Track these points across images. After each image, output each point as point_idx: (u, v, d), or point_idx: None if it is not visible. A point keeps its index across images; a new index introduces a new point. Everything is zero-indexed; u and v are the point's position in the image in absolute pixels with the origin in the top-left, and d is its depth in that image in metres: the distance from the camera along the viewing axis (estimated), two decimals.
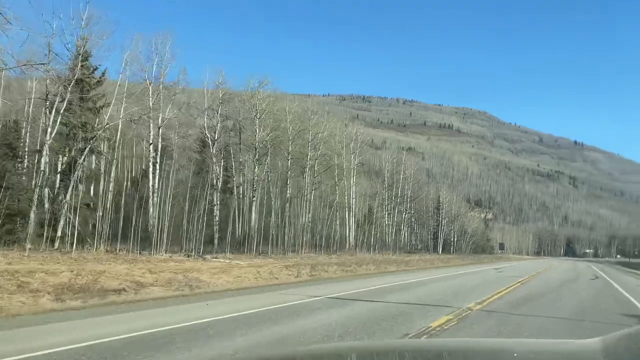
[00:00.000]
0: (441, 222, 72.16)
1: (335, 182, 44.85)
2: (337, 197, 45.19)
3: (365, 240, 48.48)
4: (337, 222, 45.53)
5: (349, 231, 46.37)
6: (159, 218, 24.76)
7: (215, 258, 23.03)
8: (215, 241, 29.79)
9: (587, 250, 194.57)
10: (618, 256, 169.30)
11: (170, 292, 13.54)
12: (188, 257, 22.45)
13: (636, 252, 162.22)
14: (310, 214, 38.68)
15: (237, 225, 31.78)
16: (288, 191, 36.90)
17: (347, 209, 46.45)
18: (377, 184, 55.29)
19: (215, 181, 31.32)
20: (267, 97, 33.73)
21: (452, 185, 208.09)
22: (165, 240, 22.97)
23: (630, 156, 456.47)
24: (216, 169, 31.32)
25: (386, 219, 55.61)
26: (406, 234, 65.51)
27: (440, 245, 71.27)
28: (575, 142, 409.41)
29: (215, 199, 31.15)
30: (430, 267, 35.64)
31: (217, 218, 30.86)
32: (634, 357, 1.80)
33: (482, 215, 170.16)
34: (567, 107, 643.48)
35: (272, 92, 34.41)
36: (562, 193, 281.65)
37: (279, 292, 13.50)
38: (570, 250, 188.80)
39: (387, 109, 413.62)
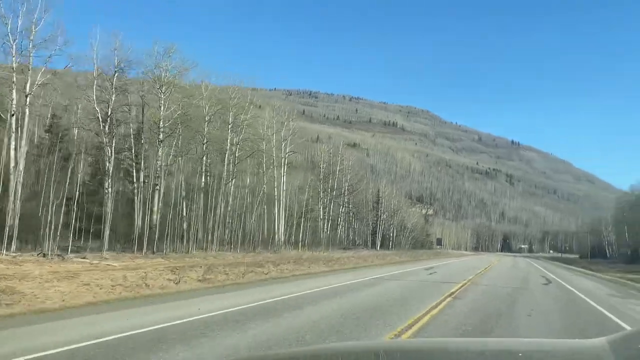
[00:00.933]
0: (380, 216, 69.33)
1: (263, 172, 40.46)
2: (265, 189, 40.81)
3: (297, 236, 44.37)
4: (265, 217, 41.21)
5: (278, 226, 42.09)
6: (17, 208, 19.44)
7: (84, 258, 18.08)
8: (104, 236, 24.61)
9: (523, 246, 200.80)
10: (551, 251, 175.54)
11: None
12: (44, 256, 17.38)
13: (567, 248, 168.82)
14: (230, 207, 34.06)
15: (136, 219, 26.69)
16: (203, 180, 32.13)
17: (276, 201, 42.13)
18: (313, 176, 51.28)
19: (106, 165, 26.10)
20: (174, 67, 28.73)
21: (395, 181, 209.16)
22: (14, 236, 17.73)
23: (562, 156, 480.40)
24: (107, 151, 26.07)
25: (321, 213, 51.78)
26: (343, 229, 62.09)
27: (379, 241, 68.41)
28: (512, 142, 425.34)
29: (106, 186, 25.91)
30: (361, 265, 32.03)
31: (108, 209, 25.63)
32: None
33: (424, 211, 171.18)
34: (505, 109, 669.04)
35: (181, 62, 29.30)
36: (499, 190, 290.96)
37: None
38: (506, 246, 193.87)
39: (333, 105, 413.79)
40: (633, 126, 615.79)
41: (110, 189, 25.86)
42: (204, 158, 32.24)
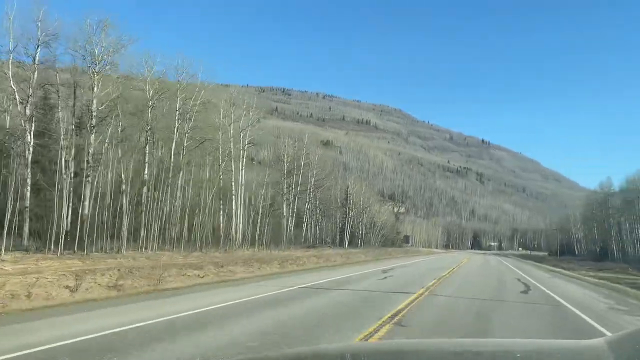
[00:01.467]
0: (348, 213, 66.82)
1: (219, 165, 37.36)
2: (222, 183, 37.73)
3: (258, 233, 41.34)
4: (222, 213, 38.13)
5: (236, 223, 39.08)
6: None
7: None
8: (11, 233, 21.27)
9: (492, 243, 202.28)
10: (520, 249, 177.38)
11: None
12: None
13: (535, 245, 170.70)
14: (178, 202, 30.93)
15: (58, 213, 23.30)
16: (146, 171, 28.89)
17: (233, 197, 39.10)
18: (277, 171, 48.35)
19: (25, 152, 22.70)
20: (110, 43, 25.41)
21: (368, 179, 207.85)
22: None
23: (531, 155, 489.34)
24: (27, 136, 22.67)
25: (285, 209, 48.89)
26: (310, 226, 59.36)
27: (347, 239, 65.91)
28: (483, 141, 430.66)
29: (25, 176, 22.53)
30: (321, 265, 29.47)
31: (27, 202, 22.28)
32: None
33: (395, 209, 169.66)
34: (476, 109, 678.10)
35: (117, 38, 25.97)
36: (470, 188, 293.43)
37: None
38: (476, 243, 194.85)
39: (306, 102, 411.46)
40: (599, 127, 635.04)
41: (29, 181, 22.49)
42: (147, 147, 29.00)
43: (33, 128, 22.67)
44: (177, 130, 30.55)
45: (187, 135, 31.17)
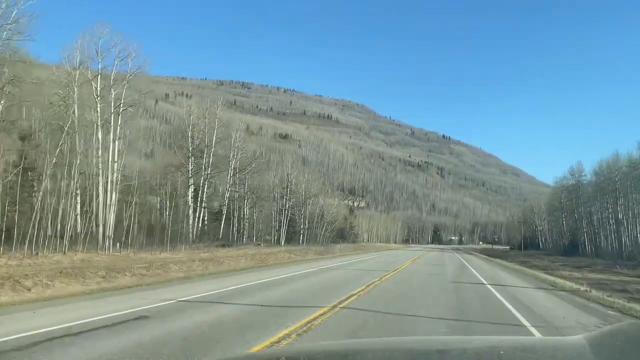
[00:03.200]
0: (286, 204, 56.71)
1: (73, 132, 26.57)
2: (78, 159, 26.99)
3: (133, 228, 30.58)
4: (86, 202, 27.44)
5: (106, 217, 28.44)
6: None
7: None
8: None
9: (453, 237, 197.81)
10: (480, 242, 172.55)
11: None
12: None
13: (496, 239, 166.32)
14: None
15: None
16: None
17: (100, 179, 28.42)
18: (176, 149, 37.66)
19: None
20: None
21: (328, 173, 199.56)
22: None
23: (490, 150, 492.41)
24: None
25: (190, 199, 38.26)
26: (234, 220, 48.88)
27: (284, 234, 55.82)
28: (444, 136, 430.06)
29: None
30: (196, 274, 19.28)
31: None
32: (619, 351, 1.80)
33: (355, 203, 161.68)
34: (437, 105, 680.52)
35: None
36: (430, 182, 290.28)
37: None
38: (437, 237, 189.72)
39: (267, 96, 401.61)
40: (556, 123, 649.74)
41: None
42: None
43: None
44: None
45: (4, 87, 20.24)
